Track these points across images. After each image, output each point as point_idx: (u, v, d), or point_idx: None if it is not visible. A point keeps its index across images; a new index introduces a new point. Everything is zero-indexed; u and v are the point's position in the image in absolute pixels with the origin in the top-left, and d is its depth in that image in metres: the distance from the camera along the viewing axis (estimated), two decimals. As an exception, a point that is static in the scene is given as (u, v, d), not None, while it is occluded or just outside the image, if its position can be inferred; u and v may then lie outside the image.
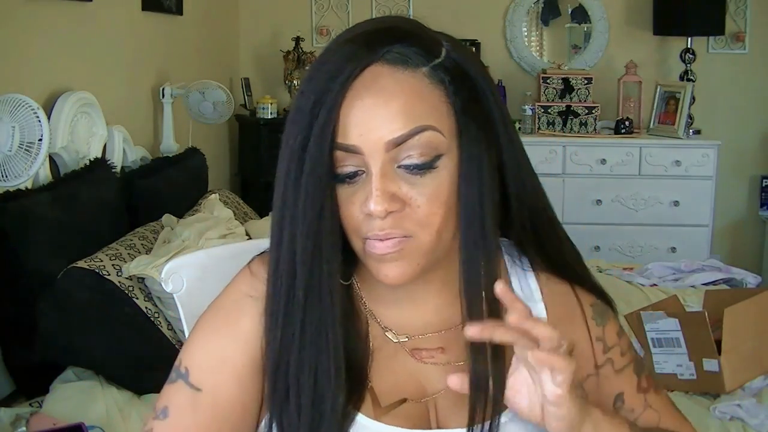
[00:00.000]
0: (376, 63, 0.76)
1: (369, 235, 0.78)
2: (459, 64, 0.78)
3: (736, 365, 1.95)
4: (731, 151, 4.11)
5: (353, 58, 0.75)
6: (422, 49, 0.77)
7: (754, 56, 4.17)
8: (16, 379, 2.08)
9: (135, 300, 2.04)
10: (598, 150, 3.89)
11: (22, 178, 2.12)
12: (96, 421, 1.83)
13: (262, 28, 4.31)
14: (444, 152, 0.77)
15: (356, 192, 0.78)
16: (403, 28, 0.79)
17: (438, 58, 0.78)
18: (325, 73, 0.75)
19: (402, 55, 0.76)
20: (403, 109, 0.75)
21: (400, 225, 0.77)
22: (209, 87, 3.15)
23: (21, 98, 2.11)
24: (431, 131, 0.76)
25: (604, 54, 4.25)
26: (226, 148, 4.18)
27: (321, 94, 0.75)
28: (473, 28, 4.21)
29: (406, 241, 0.78)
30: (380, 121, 0.75)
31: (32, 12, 2.36)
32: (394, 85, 0.76)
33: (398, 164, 0.76)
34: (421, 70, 0.77)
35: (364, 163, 0.76)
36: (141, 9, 3.09)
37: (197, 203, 2.81)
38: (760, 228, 4.25)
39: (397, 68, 0.76)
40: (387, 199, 0.75)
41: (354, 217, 0.78)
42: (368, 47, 0.76)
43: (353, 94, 0.75)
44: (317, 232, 0.77)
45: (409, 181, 0.77)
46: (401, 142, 0.75)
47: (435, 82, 0.77)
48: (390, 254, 0.78)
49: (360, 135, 0.75)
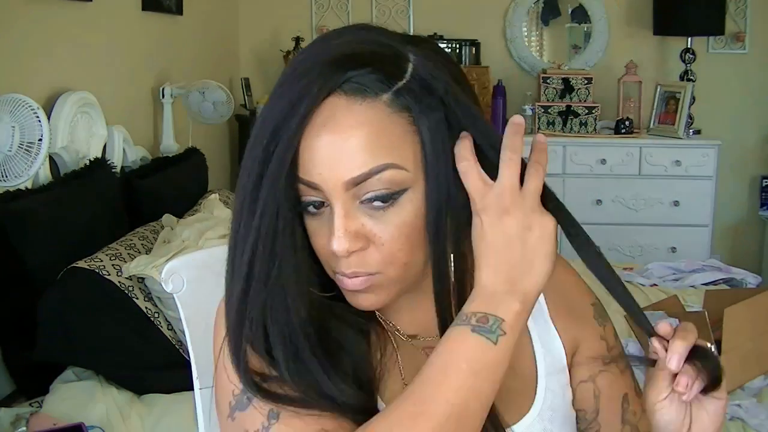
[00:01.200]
0: (333, 95, 0.71)
1: (337, 271, 0.77)
2: (426, 82, 0.73)
3: (736, 365, 1.95)
4: (731, 151, 4.11)
5: (308, 93, 0.71)
6: (383, 74, 0.72)
7: (754, 56, 4.18)
8: (16, 379, 2.08)
9: (135, 300, 2.04)
10: (598, 150, 3.89)
11: (22, 178, 2.12)
12: (96, 421, 1.83)
13: (262, 28, 4.31)
14: (409, 185, 0.73)
15: (322, 225, 0.75)
16: (361, 53, 0.73)
17: (401, 80, 0.72)
18: (280, 110, 0.71)
19: (360, 85, 0.71)
20: (361, 147, 0.71)
21: (365, 263, 0.75)
22: (209, 87, 3.15)
23: (21, 98, 2.11)
24: (393, 169, 0.72)
25: (604, 54, 4.25)
26: (226, 148, 4.18)
27: (276, 131, 0.71)
28: (473, 28, 4.21)
29: (373, 278, 0.76)
30: (338, 160, 0.71)
31: (32, 12, 2.36)
32: (352, 119, 0.71)
33: (360, 200, 0.73)
34: (382, 98, 0.71)
35: (326, 198, 0.74)
36: (141, 9, 3.09)
37: (197, 203, 2.81)
38: (760, 228, 4.25)
39: (356, 99, 0.71)
40: (350, 238, 0.73)
41: (323, 251, 0.77)
42: (324, 79, 0.71)
43: (311, 131, 0.71)
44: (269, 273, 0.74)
45: (372, 216, 0.74)
46: (360, 181, 0.72)
47: (397, 109, 0.72)
48: (359, 290, 0.77)
49: (319, 173, 0.72)
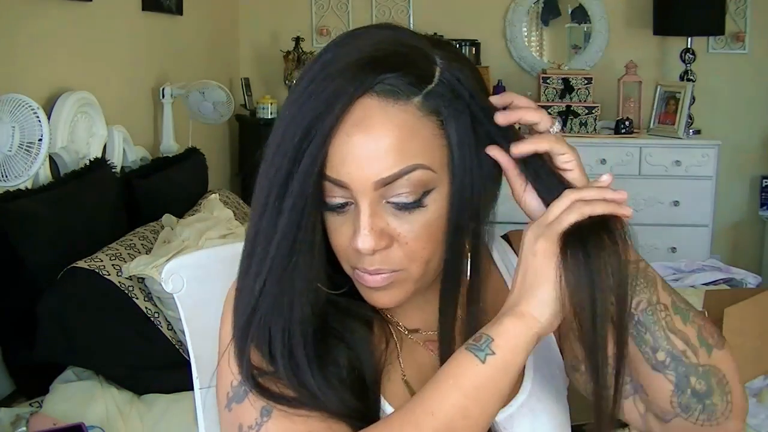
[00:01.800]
0: (366, 96, 0.73)
1: (358, 267, 0.78)
2: (452, 86, 0.75)
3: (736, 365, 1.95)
4: (731, 151, 4.11)
5: (343, 93, 0.72)
6: (414, 77, 0.74)
7: (754, 56, 4.17)
8: (16, 379, 2.08)
9: (135, 300, 2.04)
10: (598, 150, 3.89)
11: (22, 178, 2.12)
12: (96, 421, 1.83)
13: (262, 28, 4.31)
14: (434, 186, 0.76)
15: (345, 222, 0.77)
16: (393, 54, 0.75)
17: (430, 84, 0.74)
18: (314, 108, 0.72)
19: (393, 87, 0.73)
20: (393, 147, 0.73)
21: (388, 260, 0.77)
22: (209, 87, 3.15)
23: (21, 98, 2.11)
24: (421, 170, 0.74)
25: (604, 54, 4.25)
26: (226, 148, 4.18)
27: (308, 130, 0.72)
28: (473, 28, 4.21)
29: (396, 274, 0.78)
30: (370, 160, 0.73)
31: (32, 12, 2.36)
32: (385, 121, 0.73)
33: (387, 200, 0.75)
34: (413, 101, 0.74)
35: (353, 197, 0.75)
36: (141, 9, 3.09)
37: (197, 203, 2.81)
38: (760, 228, 4.24)
39: (388, 101, 0.73)
40: (375, 236, 0.75)
41: (343, 248, 0.78)
42: (358, 80, 0.72)
43: (343, 130, 0.73)
44: (287, 268, 0.75)
45: (397, 216, 0.76)
46: (391, 181, 0.74)
47: (427, 112, 0.74)
48: (379, 287, 0.78)
49: (348, 173, 0.73)
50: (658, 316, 0.76)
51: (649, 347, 0.76)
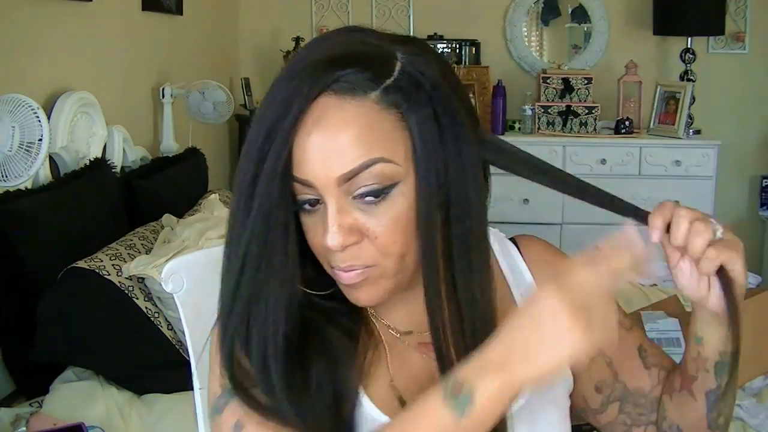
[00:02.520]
0: (324, 94, 0.74)
1: (333, 266, 0.78)
2: (414, 80, 0.75)
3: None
4: (731, 151, 4.10)
5: (299, 93, 0.73)
6: (371, 72, 0.74)
7: (754, 56, 4.17)
8: (16, 379, 2.08)
9: (135, 300, 2.04)
10: (598, 150, 3.89)
11: (22, 178, 2.12)
12: (96, 421, 1.83)
13: (262, 28, 4.31)
14: (400, 179, 0.75)
15: (317, 222, 0.77)
16: (351, 52, 0.75)
17: (389, 78, 0.74)
18: (274, 110, 0.74)
19: (349, 84, 0.73)
20: (352, 143, 0.73)
21: (360, 256, 0.77)
22: (209, 87, 3.15)
23: (21, 98, 2.11)
24: (383, 163, 0.74)
25: (604, 54, 4.25)
26: (226, 148, 4.18)
27: (270, 131, 0.74)
28: (473, 28, 4.21)
29: (370, 270, 0.78)
30: (330, 157, 0.73)
31: (32, 12, 2.36)
32: (342, 117, 0.73)
33: (352, 195, 0.75)
34: (371, 96, 0.74)
35: (319, 194, 0.76)
36: (141, 9, 3.09)
37: (197, 203, 2.81)
38: (760, 228, 4.24)
39: (345, 98, 0.73)
40: (343, 233, 0.75)
41: (319, 247, 0.78)
42: (314, 79, 0.73)
43: (303, 130, 0.73)
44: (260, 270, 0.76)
45: (364, 210, 0.76)
46: (352, 176, 0.74)
47: (386, 106, 0.74)
48: (356, 283, 0.78)
49: (312, 170, 0.74)
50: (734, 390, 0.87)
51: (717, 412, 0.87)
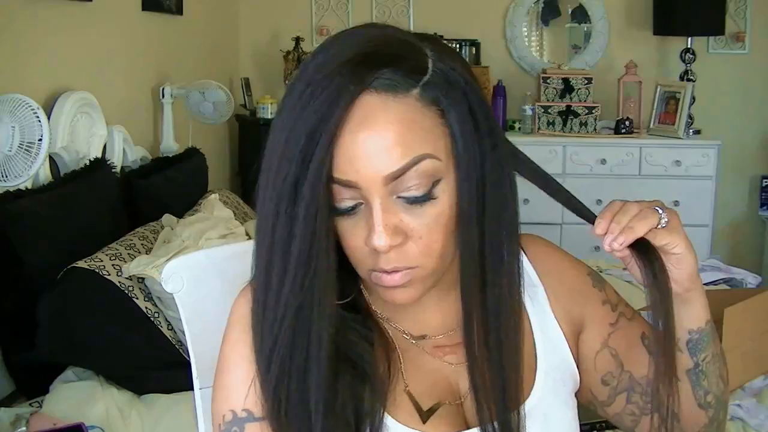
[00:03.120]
0: (365, 93, 0.73)
1: (376, 268, 0.77)
2: (447, 77, 0.75)
3: (736, 365, 1.95)
4: (731, 151, 4.11)
5: (343, 93, 0.71)
6: (409, 69, 0.74)
7: (754, 56, 4.17)
8: (16, 379, 2.08)
9: (135, 300, 2.04)
10: (598, 150, 3.89)
11: (22, 178, 2.12)
12: (96, 421, 1.83)
13: (262, 28, 4.31)
14: (442, 176, 0.76)
15: (357, 224, 0.76)
16: (384, 50, 0.75)
17: (426, 75, 0.75)
18: (315, 111, 0.72)
19: (391, 81, 0.73)
20: (397, 141, 0.73)
21: (404, 257, 0.76)
22: (209, 87, 3.15)
23: (21, 98, 2.11)
24: (428, 159, 0.74)
25: (604, 54, 4.25)
26: (226, 148, 4.18)
27: (313, 133, 0.71)
28: (473, 28, 4.21)
29: (413, 271, 0.77)
30: (377, 156, 0.72)
31: (32, 12, 2.36)
32: (386, 115, 0.73)
33: (397, 195, 0.75)
34: (412, 93, 0.74)
35: (363, 196, 0.75)
36: (141, 9, 3.09)
37: (197, 203, 2.81)
38: (760, 228, 4.24)
39: (388, 96, 0.73)
40: (390, 233, 0.74)
41: (358, 250, 0.77)
42: (355, 78, 0.72)
43: (346, 129, 0.72)
44: (305, 275, 0.74)
45: (409, 211, 0.75)
46: (400, 174, 0.73)
47: (427, 103, 0.74)
48: (398, 286, 0.78)
49: (357, 171, 0.73)
50: (715, 365, 0.88)
51: (703, 390, 0.88)
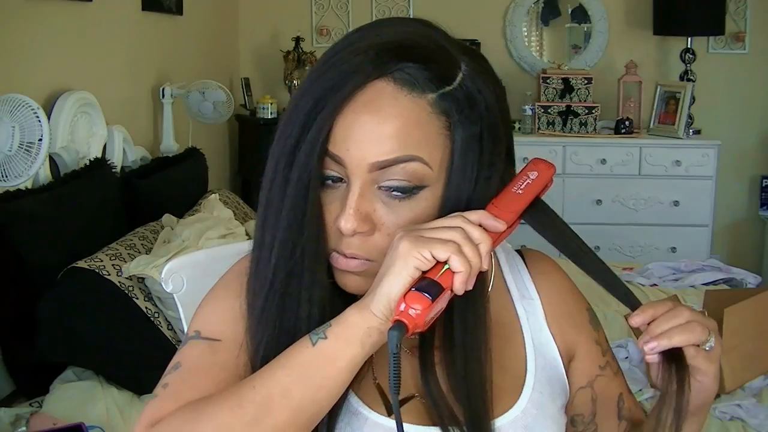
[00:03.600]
0: (382, 79, 0.73)
1: (336, 248, 0.77)
2: (470, 95, 0.74)
3: (736, 365, 1.95)
4: (731, 151, 4.11)
5: (360, 71, 0.72)
6: (435, 73, 0.73)
7: (754, 56, 4.17)
8: (16, 379, 2.08)
9: (135, 300, 2.04)
10: (598, 150, 3.89)
11: (22, 178, 2.12)
12: (96, 421, 1.83)
13: (262, 28, 4.31)
14: (429, 184, 0.75)
15: (334, 201, 0.76)
16: (421, 46, 0.75)
17: (448, 86, 0.74)
18: (329, 80, 0.73)
19: (411, 77, 0.73)
20: (395, 134, 0.72)
21: (365, 248, 0.76)
22: (209, 87, 3.15)
23: (21, 98, 2.11)
24: (418, 162, 0.73)
25: (604, 54, 4.25)
26: (226, 148, 4.18)
27: (320, 101, 0.72)
28: (473, 28, 4.20)
29: (369, 264, 0.77)
30: (370, 141, 0.72)
31: (32, 12, 2.36)
32: (394, 107, 0.72)
33: (379, 185, 0.75)
34: (427, 96, 0.73)
35: (347, 176, 0.75)
36: (141, 9, 3.09)
37: (197, 203, 2.81)
38: (760, 228, 4.24)
39: (402, 90, 0.73)
40: (359, 219, 0.74)
41: (328, 227, 0.77)
42: (378, 62, 0.72)
43: (352, 107, 0.72)
44: (298, 239, 0.75)
45: (386, 204, 0.75)
46: (385, 166, 0.73)
47: (438, 111, 0.74)
48: (350, 272, 0.78)
49: (347, 150, 0.73)
50: None
51: None
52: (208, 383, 0.76)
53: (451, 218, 0.73)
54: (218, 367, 0.79)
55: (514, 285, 0.92)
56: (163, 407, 0.76)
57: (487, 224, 0.74)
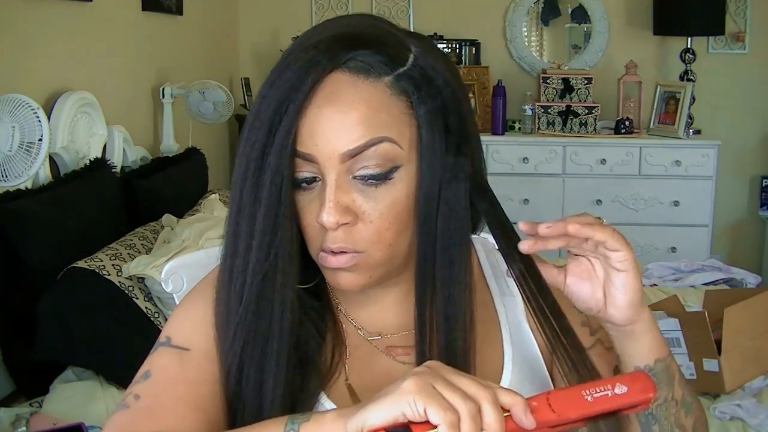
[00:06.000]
0: (338, 70, 0.74)
1: (323, 247, 0.77)
2: (425, 73, 0.76)
3: (736, 365, 1.95)
4: (731, 151, 4.11)
5: (315, 67, 0.73)
6: (386, 57, 0.75)
7: (754, 56, 4.17)
8: (16, 379, 2.08)
9: (135, 300, 2.04)
10: (598, 150, 3.89)
11: (22, 178, 2.12)
12: (96, 421, 1.83)
13: (262, 28, 4.31)
14: (402, 164, 0.76)
15: (312, 201, 0.77)
16: (368, 33, 0.77)
17: (403, 67, 0.75)
18: (287, 80, 0.73)
19: (365, 64, 0.75)
20: (360, 120, 0.74)
21: (352, 239, 0.76)
22: (209, 87, 3.15)
23: (21, 98, 2.11)
24: (388, 143, 0.74)
25: (604, 54, 4.25)
26: (226, 148, 4.18)
27: (282, 102, 0.73)
28: (473, 28, 4.21)
29: (358, 256, 0.77)
30: (337, 132, 0.73)
31: (32, 12, 2.36)
32: (354, 95, 0.74)
33: (353, 175, 0.75)
34: (383, 80, 0.75)
35: (320, 171, 0.75)
36: (141, 9, 3.09)
37: (197, 203, 2.81)
38: (760, 228, 4.25)
39: (359, 77, 0.74)
40: (340, 210, 0.74)
41: (310, 228, 0.78)
42: (330, 55, 0.74)
43: (314, 103, 0.74)
44: (271, 243, 0.75)
45: (363, 192, 0.76)
46: (356, 153, 0.74)
47: (397, 92, 0.75)
48: (342, 269, 0.78)
49: (316, 145, 0.74)
50: (670, 411, 0.81)
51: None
52: (178, 403, 0.77)
53: (479, 383, 0.63)
54: (187, 382, 0.79)
55: (494, 281, 0.93)
56: (135, 422, 0.77)
57: (515, 413, 0.62)
